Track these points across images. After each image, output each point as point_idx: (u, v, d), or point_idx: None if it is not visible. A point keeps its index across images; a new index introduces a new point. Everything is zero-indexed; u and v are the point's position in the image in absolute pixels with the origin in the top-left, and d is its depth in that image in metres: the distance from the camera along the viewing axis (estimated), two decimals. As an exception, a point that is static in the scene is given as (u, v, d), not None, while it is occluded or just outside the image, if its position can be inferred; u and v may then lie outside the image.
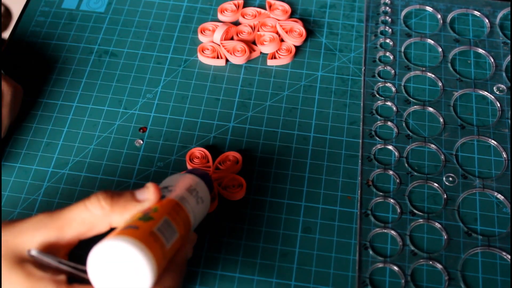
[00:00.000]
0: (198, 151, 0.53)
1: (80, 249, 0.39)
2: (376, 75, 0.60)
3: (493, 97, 0.58)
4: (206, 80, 0.60)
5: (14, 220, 0.37)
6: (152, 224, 0.36)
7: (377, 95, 0.58)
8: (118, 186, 0.53)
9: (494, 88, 0.59)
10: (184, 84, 0.59)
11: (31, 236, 0.36)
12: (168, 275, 0.36)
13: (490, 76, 0.60)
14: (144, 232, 0.35)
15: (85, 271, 0.35)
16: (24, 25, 0.64)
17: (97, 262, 0.33)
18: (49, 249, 0.36)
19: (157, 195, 0.39)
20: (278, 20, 0.63)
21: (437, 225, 0.51)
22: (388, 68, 0.60)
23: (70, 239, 0.37)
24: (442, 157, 0.54)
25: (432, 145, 0.55)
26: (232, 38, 0.62)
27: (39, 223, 0.36)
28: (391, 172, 0.53)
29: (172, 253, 0.37)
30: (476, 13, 0.64)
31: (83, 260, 0.35)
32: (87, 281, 0.35)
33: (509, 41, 0.62)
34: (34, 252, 0.35)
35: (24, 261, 0.35)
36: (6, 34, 1.36)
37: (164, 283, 0.35)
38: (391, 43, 0.62)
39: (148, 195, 0.39)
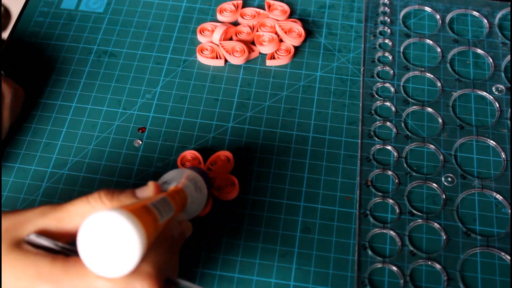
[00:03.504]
0: (189, 154, 0.53)
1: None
2: (375, 75, 0.60)
3: (492, 97, 0.58)
4: (205, 80, 0.60)
5: (17, 210, 0.38)
6: (147, 200, 0.36)
7: (376, 96, 0.58)
8: (117, 186, 0.53)
9: (493, 88, 0.59)
10: (183, 85, 0.59)
11: (30, 224, 0.36)
12: (155, 253, 0.35)
13: (489, 76, 0.60)
14: (136, 205, 0.35)
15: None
16: (23, 25, 0.64)
17: (86, 235, 0.33)
18: (48, 237, 0.36)
19: (157, 192, 0.40)
20: (277, 20, 0.63)
21: (436, 225, 0.51)
22: (387, 68, 0.60)
23: (69, 230, 0.37)
24: (441, 157, 0.54)
25: (431, 146, 0.55)
26: (231, 39, 0.62)
27: (40, 213, 0.37)
28: (390, 172, 0.53)
29: (164, 227, 0.37)
30: (475, 13, 0.64)
31: None
32: None
33: (508, 42, 0.62)
34: (31, 236, 0.36)
35: (21, 243, 0.35)
36: (5, 35, 1.36)
37: (151, 258, 0.35)
38: (390, 43, 0.62)
39: (148, 193, 0.39)
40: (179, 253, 0.49)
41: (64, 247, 0.36)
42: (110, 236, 0.33)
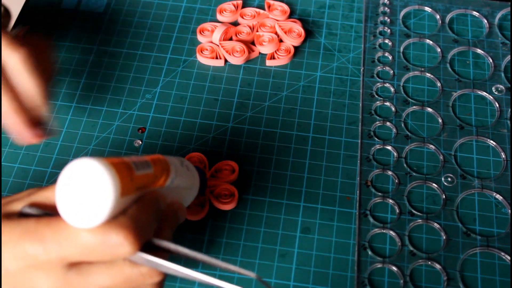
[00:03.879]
0: (196, 155, 0.53)
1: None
2: (375, 75, 0.60)
3: (492, 97, 0.58)
4: (205, 80, 0.60)
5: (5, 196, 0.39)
6: (125, 157, 0.37)
7: (376, 96, 0.58)
8: (117, 187, 0.53)
9: (493, 88, 0.59)
10: (183, 85, 0.59)
11: (20, 202, 0.37)
12: (134, 207, 0.35)
13: (489, 76, 0.60)
14: (113, 158, 0.35)
15: None
16: (23, 25, 0.64)
17: (62, 184, 0.33)
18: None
19: None
20: (277, 20, 0.63)
21: (436, 225, 0.51)
22: (387, 68, 0.60)
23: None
24: (441, 157, 0.54)
25: (431, 146, 0.55)
26: (231, 39, 0.62)
27: (28, 194, 0.37)
28: (390, 173, 0.53)
29: (142, 184, 0.37)
30: (475, 13, 0.64)
31: None
32: None
33: (508, 42, 0.62)
34: (25, 208, 0.36)
35: (12, 216, 0.36)
36: (5, 35, 1.36)
37: (130, 212, 0.35)
38: (390, 43, 0.62)
39: None
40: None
41: (52, 214, 0.36)
42: (83, 181, 0.33)
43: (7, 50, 0.45)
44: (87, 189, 0.33)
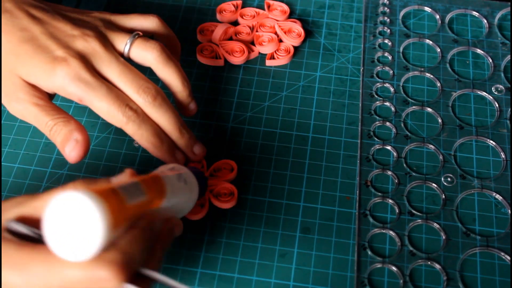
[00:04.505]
0: None
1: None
2: (375, 75, 0.60)
3: (491, 97, 0.58)
4: (204, 80, 0.60)
5: None
6: (115, 183, 0.36)
7: (376, 96, 0.58)
8: (117, 187, 0.53)
9: (492, 88, 0.59)
10: (182, 85, 0.59)
11: (7, 213, 0.36)
12: (126, 238, 0.34)
13: (489, 76, 0.60)
14: (100, 186, 0.34)
15: None
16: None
17: (49, 216, 0.33)
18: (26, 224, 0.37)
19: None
20: (277, 20, 0.63)
21: (436, 225, 0.51)
22: (387, 68, 0.60)
23: None
24: (441, 157, 0.54)
25: (431, 146, 0.55)
26: (230, 38, 0.62)
27: (17, 203, 0.37)
28: (389, 173, 0.53)
29: (134, 213, 0.36)
30: (475, 13, 0.64)
31: None
32: None
33: (507, 42, 0.62)
34: (12, 223, 0.36)
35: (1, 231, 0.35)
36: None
37: (121, 245, 0.34)
38: (389, 43, 0.62)
39: (123, 180, 0.38)
40: (177, 253, 0.49)
41: (39, 233, 0.35)
42: (72, 216, 0.32)
43: (143, 47, 0.50)
44: (76, 224, 0.32)
